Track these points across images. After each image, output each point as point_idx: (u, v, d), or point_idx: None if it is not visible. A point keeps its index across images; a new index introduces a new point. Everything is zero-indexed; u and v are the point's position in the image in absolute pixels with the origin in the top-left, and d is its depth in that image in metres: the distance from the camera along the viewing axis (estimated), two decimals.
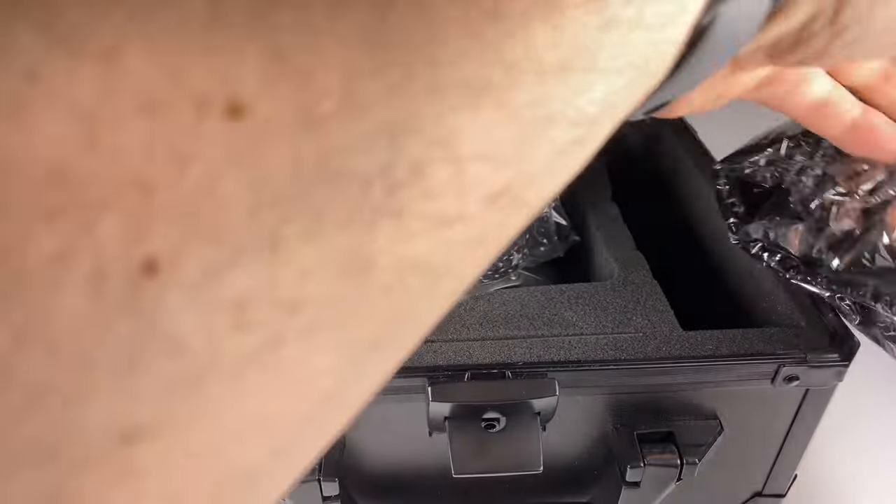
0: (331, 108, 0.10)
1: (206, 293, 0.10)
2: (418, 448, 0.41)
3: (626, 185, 0.64)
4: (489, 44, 0.11)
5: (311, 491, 0.37)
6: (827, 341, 0.38)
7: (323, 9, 0.10)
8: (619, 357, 0.37)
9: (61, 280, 0.09)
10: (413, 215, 0.11)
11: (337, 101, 0.10)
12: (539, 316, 0.39)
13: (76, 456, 0.10)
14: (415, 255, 0.11)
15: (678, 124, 0.63)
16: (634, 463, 0.38)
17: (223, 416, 0.11)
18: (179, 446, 0.10)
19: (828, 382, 0.38)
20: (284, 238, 0.10)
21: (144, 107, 0.09)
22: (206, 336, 0.10)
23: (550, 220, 0.50)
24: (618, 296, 0.41)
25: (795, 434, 0.41)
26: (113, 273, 0.09)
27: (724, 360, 0.37)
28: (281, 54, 0.09)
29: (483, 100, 0.11)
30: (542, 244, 0.49)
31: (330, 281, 0.11)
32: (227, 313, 0.10)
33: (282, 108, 0.09)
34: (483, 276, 0.44)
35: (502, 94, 0.11)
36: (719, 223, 0.51)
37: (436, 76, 0.10)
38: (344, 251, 0.11)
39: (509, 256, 0.45)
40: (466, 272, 0.13)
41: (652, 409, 0.39)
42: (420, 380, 0.36)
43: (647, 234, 0.50)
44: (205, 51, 0.09)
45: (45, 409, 0.09)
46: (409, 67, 0.10)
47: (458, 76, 0.11)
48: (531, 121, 0.12)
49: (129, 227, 0.09)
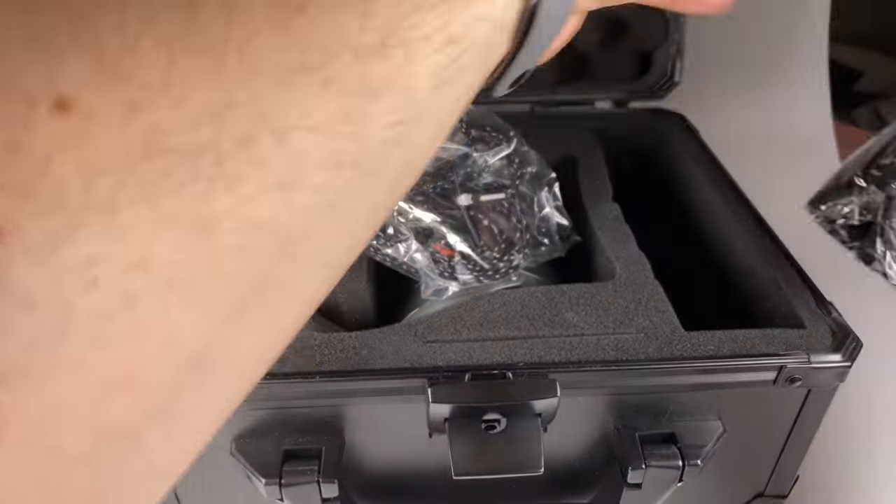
0: (151, 97, 0.12)
1: (53, 256, 0.11)
2: (418, 449, 0.40)
3: (628, 185, 0.64)
4: (297, 31, 0.13)
5: (311, 492, 0.37)
6: (829, 342, 0.38)
7: (137, 12, 0.12)
8: (621, 358, 0.37)
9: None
10: (247, 181, 0.13)
11: (157, 90, 0.12)
12: (540, 316, 0.39)
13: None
14: (257, 216, 0.13)
15: (681, 124, 0.63)
16: (636, 464, 0.38)
17: (86, 372, 0.12)
18: (38, 397, 0.12)
19: (830, 383, 0.38)
20: (122, 206, 0.12)
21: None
22: (57, 294, 0.11)
23: (552, 220, 0.49)
24: (619, 296, 0.41)
25: (797, 435, 0.41)
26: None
27: (725, 360, 0.37)
28: (102, 55, 0.11)
29: (302, 79, 0.13)
30: (543, 244, 0.48)
31: (175, 242, 0.12)
32: (76, 273, 0.11)
33: (105, 101, 0.11)
34: (483, 276, 0.44)
35: (323, 73, 0.13)
36: (721, 224, 0.50)
37: (249, 61, 0.12)
38: (183, 214, 0.12)
39: (510, 256, 0.45)
40: (329, 238, 0.15)
41: (654, 409, 0.39)
42: (420, 381, 0.36)
43: (649, 234, 0.50)
44: (31, 56, 0.11)
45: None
46: (221, 56, 0.12)
47: (271, 60, 0.12)
48: (358, 96, 0.13)
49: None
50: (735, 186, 0.52)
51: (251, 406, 0.37)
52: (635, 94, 0.65)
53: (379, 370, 0.36)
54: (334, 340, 0.38)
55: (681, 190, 0.57)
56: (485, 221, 0.44)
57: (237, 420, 0.38)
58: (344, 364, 0.36)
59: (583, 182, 0.54)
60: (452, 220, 0.44)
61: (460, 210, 0.44)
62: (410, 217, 0.44)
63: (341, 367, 0.36)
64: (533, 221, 0.48)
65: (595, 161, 0.56)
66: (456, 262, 0.43)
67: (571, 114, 0.64)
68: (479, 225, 0.44)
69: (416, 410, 0.38)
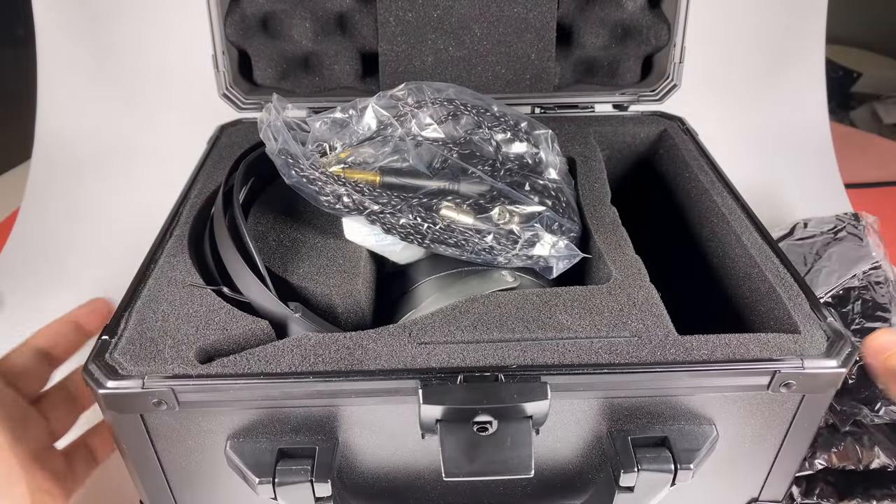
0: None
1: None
2: (411, 450, 0.41)
3: (626, 188, 0.64)
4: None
5: (304, 491, 0.37)
6: (824, 347, 0.38)
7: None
8: (614, 361, 0.37)
9: None
10: None
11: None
12: (534, 319, 0.39)
13: None
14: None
15: (680, 128, 0.62)
16: (628, 468, 0.38)
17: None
18: None
19: (824, 388, 0.38)
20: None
21: None
22: None
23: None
24: (614, 299, 0.41)
25: (792, 440, 0.41)
26: None
27: (719, 365, 0.37)
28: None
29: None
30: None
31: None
32: None
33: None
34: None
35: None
36: (717, 228, 0.50)
37: None
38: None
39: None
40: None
41: (646, 413, 0.39)
42: (412, 382, 0.36)
43: (646, 237, 0.50)
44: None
45: None
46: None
47: None
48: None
49: None
50: (733, 190, 0.52)
51: (246, 405, 0.37)
52: (635, 97, 0.65)
53: (372, 371, 0.36)
54: (329, 341, 0.38)
55: (679, 193, 0.57)
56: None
57: (232, 419, 0.38)
58: (338, 364, 0.37)
59: (581, 185, 0.54)
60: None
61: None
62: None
63: (335, 368, 0.36)
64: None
65: (594, 164, 0.56)
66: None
67: (572, 117, 0.64)
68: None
69: (409, 411, 0.38)
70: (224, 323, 0.39)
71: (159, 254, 0.45)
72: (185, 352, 0.37)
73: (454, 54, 0.62)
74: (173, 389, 0.35)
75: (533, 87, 0.64)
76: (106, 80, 0.90)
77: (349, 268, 0.45)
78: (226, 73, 0.62)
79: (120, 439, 0.38)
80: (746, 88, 0.94)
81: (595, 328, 0.39)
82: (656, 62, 0.65)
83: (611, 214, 0.50)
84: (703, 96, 0.90)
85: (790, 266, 0.44)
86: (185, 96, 0.89)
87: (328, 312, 0.44)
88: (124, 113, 0.91)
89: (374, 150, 0.48)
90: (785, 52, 0.93)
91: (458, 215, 0.46)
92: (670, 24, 0.62)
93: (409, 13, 0.61)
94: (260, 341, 0.39)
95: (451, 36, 0.62)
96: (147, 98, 0.91)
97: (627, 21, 0.63)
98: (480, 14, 0.61)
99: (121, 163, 0.91)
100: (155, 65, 0.89)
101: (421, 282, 0.47)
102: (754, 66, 0.93)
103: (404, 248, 0.47)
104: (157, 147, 0.90)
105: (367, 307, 0.46)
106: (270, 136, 0.46)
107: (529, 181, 0.49)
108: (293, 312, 0.40)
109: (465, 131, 0.51)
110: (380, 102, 0.50)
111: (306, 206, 0.51)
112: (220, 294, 0.41)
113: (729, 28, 0.92)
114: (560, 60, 0.65)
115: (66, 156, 0.91)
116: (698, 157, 0.58)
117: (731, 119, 0.93)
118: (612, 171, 0.63)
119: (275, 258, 0.46)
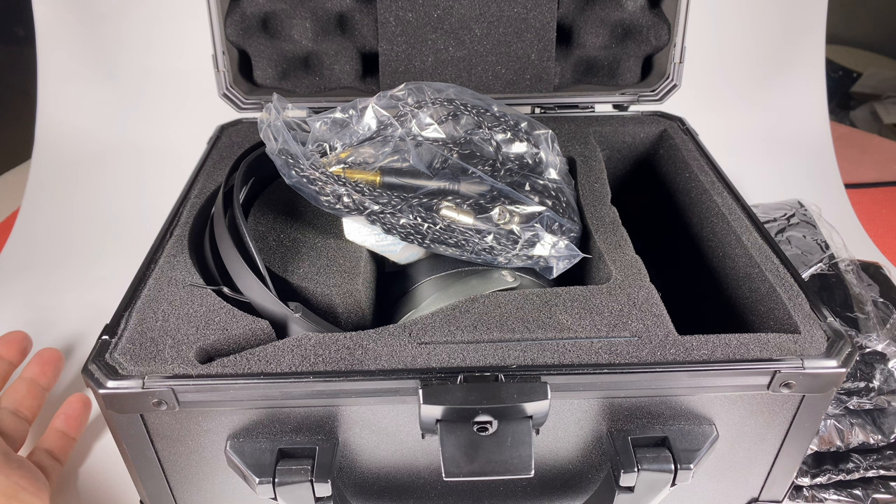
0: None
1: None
2: (411, 450, 0.41)
3: (626, 188, 0.64)
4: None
5: (304, 491, 0.37)
6: (824, 347, 0.38)
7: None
8: (614, 361, 0.37)
9: None
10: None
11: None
12: (534, 319, 0.39)
13: None
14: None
15: (680, 127, 0.62)
16: (629, 468, 0.38)
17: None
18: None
19: (824, 388, 0.38)
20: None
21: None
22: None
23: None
24: (614, 299, 0.41)
25: (792, 440, 0.41)
26: None
27: (719, 365, 0.37)
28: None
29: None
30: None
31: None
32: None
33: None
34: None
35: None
36: (717, 228, 0.50)
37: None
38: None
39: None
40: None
41: (647, 413, 0.39)
42: (412, 382, 0.36)
43: (646, 237, 0.50)
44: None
45: None
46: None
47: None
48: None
49: None
50: (733, 190, 0.52)
51: (246, 405, 0.37)
52: (635, 97, 0.65)
53: (372, 371, 0.36)
54: (329, 341, 0.38)
55: (679, 193, 0.57)
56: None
57: (232, 419, 0.38)
58: (338, 364, 0.37)
59: (581, 185, 0.54)
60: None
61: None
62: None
63: (336, 368, 0.36)
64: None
65: (594, 164, 0.56)
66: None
67: (572, 117, 0.64)
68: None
69: (409, 411, 0.38)
70: (224, 323, 0.39)
71: (159, 254, 0.45)
72: (186, 352, 0.37)
73: (454, 54, 0.63)
74: (173, 389, 0.36)
75: (533, 87, 0.64)
76: (106, 80, 0.90)
77: (349, 268, 0.45)
78: (226, 73, 0.62)
79: (120, 439, 0.38)
80: (746, 88, 0.94)
81: (595, 328, 0.39)
82: (656, 62, 0.65)
83: (611, 214, 0.50)
84: (704, 96, 0.90)
85: (790, 266, 0.44)
86: (185, 96, 0.89)
87: (328, 312, 0.44)
88: (124, 113, 0.92)
89: (374, 150, 0.48)
90: (785, 52, 0.93)
91: (459, 215, 0.46)
92: (670, 25, 0.62)
93: (410, 13, 0.61)
94: (260, 341, 0.39)
95: (452, 36, 0.62)
96: (147, 98, 0.91)
97: (627, 21, 0.63)
98: (480, 14, 0.61)
99: (121, 163, 0.91)
100: (155, 65, 0.89)
101: (421, 282, 0.47)
102: (754, 66, 0.93)
103: (404, 248, 0.47)
104: (157, 147, 0.90)
105: (367, 307, 0.46)
106: (270, 136, 0.46)
107: (529, 181, 0.49)
108: (293, 312, 0.40)
109: (466, 131, 0.51)
110: (380, 102, 0.50)
111: (306, 206, 0.51)
112: (220, 294, 0.41)
113: (729, 28, 0.92)
114: (560, 60, 0.65)
115: (66, 156, 0.91)
116: (698, 157, 0.58)
117: (731, 119, 0.93)
118: (612, 171, 0.63)
119: (275, 258, 0.46)
